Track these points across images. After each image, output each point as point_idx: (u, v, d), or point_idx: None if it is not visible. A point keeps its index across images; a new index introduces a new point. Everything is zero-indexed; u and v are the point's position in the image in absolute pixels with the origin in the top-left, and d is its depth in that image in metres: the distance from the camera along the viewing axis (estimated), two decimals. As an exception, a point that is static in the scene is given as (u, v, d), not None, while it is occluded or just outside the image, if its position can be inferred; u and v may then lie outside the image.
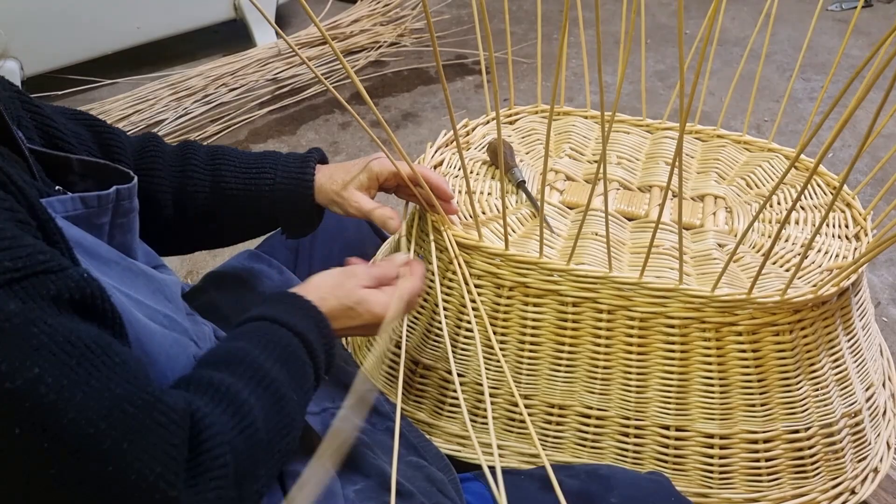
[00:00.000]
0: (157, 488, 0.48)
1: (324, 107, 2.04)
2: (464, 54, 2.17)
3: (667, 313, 0.79)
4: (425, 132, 1.91)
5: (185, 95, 1.96)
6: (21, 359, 0.44)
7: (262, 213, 0.84)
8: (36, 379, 0.44)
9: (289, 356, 0.62)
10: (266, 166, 0.83)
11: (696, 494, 0.81)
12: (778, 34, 0.76)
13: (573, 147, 1.03)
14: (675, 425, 0.81)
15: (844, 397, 0.83)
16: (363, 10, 2.23)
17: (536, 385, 0.84)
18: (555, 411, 0.85)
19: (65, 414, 0.45)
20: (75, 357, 0.46)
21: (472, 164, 1.00)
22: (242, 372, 0.59)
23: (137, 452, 0.47)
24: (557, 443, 0.86)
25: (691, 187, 0.97)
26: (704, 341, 0.79)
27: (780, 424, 0.80)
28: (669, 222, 0.90)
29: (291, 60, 2.07)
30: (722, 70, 1.94)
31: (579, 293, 0.80)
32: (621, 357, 0.81)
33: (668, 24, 2.33)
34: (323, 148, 1.91)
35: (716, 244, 0.87)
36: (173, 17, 2.08)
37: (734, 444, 0.80)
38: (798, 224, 0.90)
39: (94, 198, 0.61)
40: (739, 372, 0.79)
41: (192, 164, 0.82)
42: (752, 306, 0.76)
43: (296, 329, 0.64)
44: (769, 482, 0.81)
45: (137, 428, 0.48)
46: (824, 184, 0.96)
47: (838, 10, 2.42)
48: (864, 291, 0.88)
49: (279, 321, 0.64)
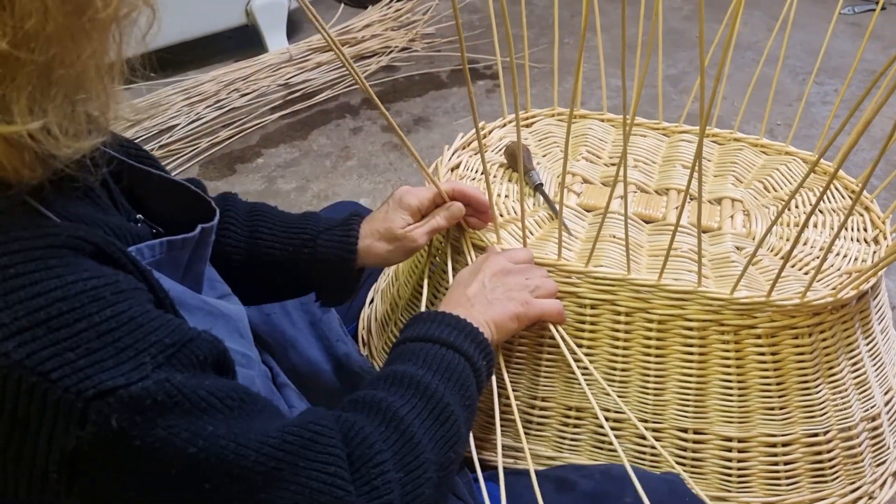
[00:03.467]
0: (333, 491, 0.52)
1: (335, 112, 2.05)
2: (474, 59, 2.17)
3: (685, 315, 0.79)
4: (437, 137, 1.91)
5: (198, 101, 1.97)
6: (196, 423, 0.47)
7: (301, 275, 0.81)
8: (211, 436, 0.48)
9: (451, 372, 0.66)
10: (307, 227, 0.81)
11: (715, 498, 0.81)
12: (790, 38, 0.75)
13: (590, 150, 1.04)
14: (694, 428, 0.81)
15: (863, 401, 0.83)
16: (374, 15, 2.24)
17: (554, 387, 0.84)
18: (572, 413, 0.85)
19: (247, 457, 0.49)
20: (235, 408, 0.50)
21: (490, 166, 1.00)
22: (396, 388, 0.63)
23: (310, 468, 0.52)
24: (574, 446, 0.86)
25: (708, 190, 0.97)
26: (723, 344, 0.79)
27: (799, 428, 0.80)
28: (687, 225, 0.90)
29: (303, 66, 2.08)
30: (734, 74, 1.93)
31: (597, 295, 0.81)
32: (639, 359, 0.81)
33: (678, 28, 2.32)
34: (334, 153, 1.92)
35: (734, 247, 0.87)
36: (185, 24, 2.08)
37: (752, 447, 0.80)
38: (816, 227, 0.90)
39: (180, 241, 0.61)
40: (758, 375, 0.79)
41: (229, 217, 0.79)
42: (772, 309, 0.76)
43: (437, 338, 0.68)
44: (787, 486, 0.81)
45: (304, 448, 0.52)
46: (842, 187, 0.96)
47: (851, 14, 2.41)
48: (883, 295, 0.88)
49: (424, 338, 0.68)
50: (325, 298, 0.86)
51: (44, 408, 0.43)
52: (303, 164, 1.82)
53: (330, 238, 0.80)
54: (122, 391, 0.44)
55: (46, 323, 0.44)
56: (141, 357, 0.46)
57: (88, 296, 0.45)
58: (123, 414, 0.45)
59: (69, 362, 0.44)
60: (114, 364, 0.45)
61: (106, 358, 0.45)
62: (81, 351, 0.44)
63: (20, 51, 0.43)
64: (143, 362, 0.46)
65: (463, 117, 1.97)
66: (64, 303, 0.44)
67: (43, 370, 0.43)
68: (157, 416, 0.46)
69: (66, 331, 0.44)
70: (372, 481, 0.55)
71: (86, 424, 0.44)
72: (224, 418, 0.49)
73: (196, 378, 0.49)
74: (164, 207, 0.66)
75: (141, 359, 0.46)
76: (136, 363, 0.46)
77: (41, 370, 0.43)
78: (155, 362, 0.47)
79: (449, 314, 0.71)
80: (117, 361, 0.45)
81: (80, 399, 0.43)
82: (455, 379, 0.66)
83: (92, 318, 0.45)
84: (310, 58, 2.11)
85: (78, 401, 0.43)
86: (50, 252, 0.45)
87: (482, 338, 0.71)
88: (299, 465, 0.52)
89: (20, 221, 0.47)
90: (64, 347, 0.44)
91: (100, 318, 0.45)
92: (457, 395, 0.66)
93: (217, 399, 0.49)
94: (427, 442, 0.61)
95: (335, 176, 1.75)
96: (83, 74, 0.47)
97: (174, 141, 1.86)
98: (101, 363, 0.44)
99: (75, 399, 0.43)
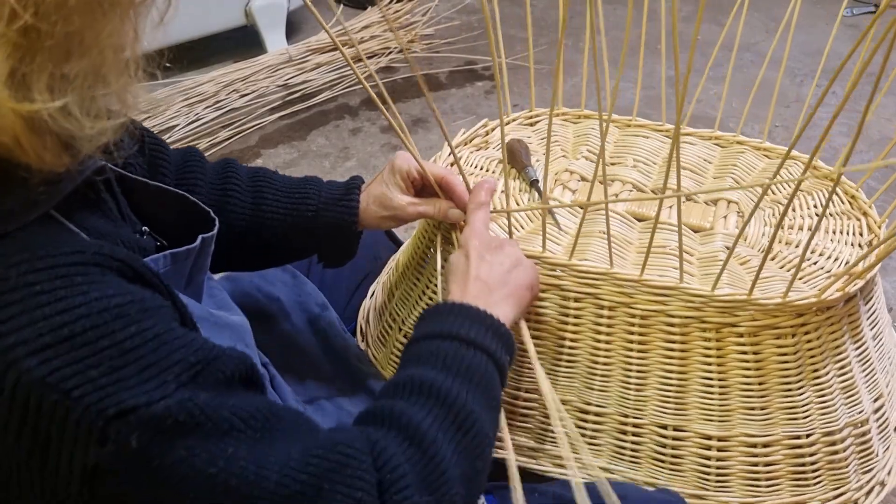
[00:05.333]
0: None
1: (334, 112, 2.05)
2: (474, 60, 2.18)
3: (667, 311, 0.79)
4: (435, 138, 1.92)
5: (197, 101, 1.96)
6: (217, 444, 0.47)
7: (303, 239, 0.83)
8: (232, 457, 0.47)
9: (472, 373, 0.62)
10: (310, 191, 0.82)
11: (692, 496, 0.81)
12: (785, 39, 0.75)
13: (590, 149, 1.04)
14: (674, 425, 0.81)
15: (850, 406, 0.82)
16: (373, 16, 2.24)
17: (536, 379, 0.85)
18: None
19: (268, 479, 0.48)
20: (258, 429, 0.49)
21: (489, 162, 1.01)
22: (416, 398, 0.60)
23: (336, 490, 0.50)
24: (556, 438, 0.86)
25: (705, 191, 0.96)
26: (705, 341, 0.79)
27: (780, 429, 0.79)
28: (676, 223, 0.90)
29: (302, 66, 2.08)
30: (733, 75, 1.94)
31: (581, 288, 0.81)
32: (622, 354, 0.81)
33: (678, 29, 2.33)
34: (333, 154, 1.94)
35: (723, 247, 0.87)
36: (184, 24, 2.07)
37: (732, 446, 0.80)
38: (811, 230, 0.89)
39: (185, 252, 0.61)
40: (739, 374, 0.79)
41: (232, 182, 0.81)
42: (753, 307, 0.76)
43: (456, 334, 0.64)
44: (767, 487, 0.80)
45: (329, 469, 0.51)
46: (842, 192, 0.95)
47: (849, 16, 2.42)
48: (877, 301, 0.87)
49: (436, 335, 0.64)
50: (327, 260, 0.88)
51: (64, 426, 0.43)
52: (302, 165, 1.84)
53: (332, 201, 0.82)
54: (143, 410, 0.44)
55: (70, 340, 0.43)
56: (164, 376, 0.46)
57: (112, 313, 0.45)
58: (144, 433, 0.44)
59: (91, 380, 0.43)
60: (136, 383, 0.45)
61: (128, 376, 0.44)
62: (104, 369, 0.44)
63: (43, 23, 0.42)
64: (165, 381, 0.46)
65: (462, 118, 1.97)
66: (88, 319, 0.44)
67: (64, 388, 0.43)
68: (178, 437, 0.46)
69: (89, 348, 0.44)
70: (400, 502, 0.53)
71: (105, 443, 0.44)
72: (246, 439, 0.48)
73: (220, 397, 0.48)
74: (163, 217, 0.65)
75: (164, 377, 0.46)
76: (158, 382, 0.45)
77: (62, 388, 0.43)
78: (178, 381, 0.46)
79: (468, 306, 0.67)
80: (140, 380, 0.45)
81: (100, 418, 0.43)
82: (478, 381, 0.62)
83: (115, 336, 0.45)
84: (309, 59, 2.11)
85: (98, 419, 0.43)
86: (76, 269, 0.45)
87: (504, 330, 0.67)
88: (324, 489, 0.50)
89: (47, 237, 0.47)
90: (86, 365, 0.44)
91: (123, 335, 0.45)
92: (480, 399, 0.62)
93: (240, 419, 0.49)
94: (451, 456, 0.57)
95: (334, 177, 1.75)
96: (102, 55, 0.47)
97: (173, 142, 1.85)
98: (123, 381, 0.44)
99: (96, 418, 0.43)
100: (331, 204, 0.82)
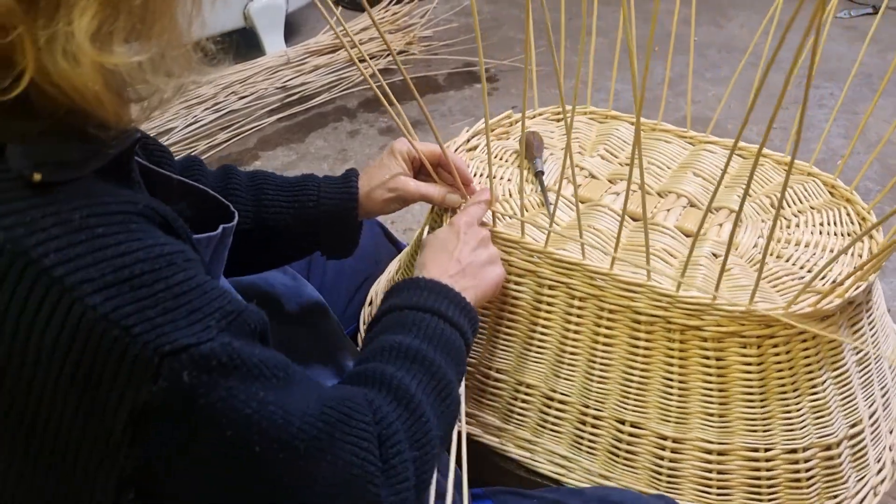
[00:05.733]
0: (365, 466, 0.56)
1: (332, 114, 2.05)
2: (472, 62, 2.16)
3: (635, 308, 0.80)
4: (433, 140, 1.94)
5: (195, 103, 1.96)
6: (250, 387, 0.50)
7: (305, 229, 0.85)
8: (262, 401, 0.51)
9: (450, 347, 0.69)
10: (309, 185, 0.85)
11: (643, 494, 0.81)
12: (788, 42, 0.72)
13: (607, 149, 1.05)
14: (632, 421, 0.82)
15: (819, 427, 0.80)
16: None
17: (508, 361, 0.88)
18: (521, 388, 0.88)
19: (292, 424, 0.52)
20: (281, 378, 0.53)
21: (504, 152, 1.04)
22: (403, 362, 0.65)
23: (345, 440, 0.55)
24: (521, 421, 0.88)
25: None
26: (669, 342, 0.79)
27: (738, 439, 0.78)
28: (671, 228, 0.90)
29: (300, 68, 2.08)
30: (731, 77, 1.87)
31: (555, 277, 0.83)
32: (588, 345, 0.83)
33: (678, 31, 2.26)
34: (331, 156, 1.95)
35: (710, 253, 0.86)
36: None
37: (687, 450, 0.80)
38: (809, 247, 0.87)
39: (206, 240, 0.64)
40: (700, 378, 0.78)
41: (233, 183, 0.83)
42: (717, 312, 0.76)
43: (436, 310, 0.70)
44: (718, 496, 0.80)
45: (341, 422, 0.55)
46: (853, 212, 0.92)
47: (847, 18, 2.42)
48: (868, 321, 0.84)
49: (420, 307, 0.70)
50: (330, 251, 0.90)
51: (121, 362, 0.45)
52: (300, 167, 1.85)
53: (332, 190, 0.85)
54: (193, 349, 0.47)
55: (129, 281, 0.46)
56: (207, 321, 0.49)
57: (165, 259, 0.48)
58: (192, 371, 0.47)
59: (149, 319, 0.46)
60: (186, 324, 0.47)
61: (179, 318, 0.47)
62: (159, 310, 0.47)
63: None
64: (209, 325, 0.49)
65: (459, 120, 1.97)
66: (145, 264, 0.47)
67: (125, 325, 0.45)
68: (220, 377, 0.49)
69: (147, 290, 0.46)
70: (391, 460, 0.58)
71: (158, 380, 0.46)
72: (272, 386, 0.52)
73: (249, 346, 0.51)
74: (182, 213, 0.68)
75: (207, 322, 0.49)
76: (203, 325, 0.48)
77: (124, 324, 0.45)
78: (219, 326, 0.49)
79: (445, 286, 0.72)
80: (189, 322, 0.48)
81: (156, 354, 0.46)
82: (453, 354, 0.69)
83: (168, 280, 0.48)
84: (307, 61, 2.11)
85: (154, 356, 0.46)
86: (130, 218, 0.48)
87: (474, 314, 0.73)
88: (335, 438, 0.54)
89: (101, 188, 0.50)
90: (144, 305, 0.46)
91: (174, 280, 0.48)
92: (454, 371, 0.68)
93: (266, 368, 0.52)
94: (433, 419, 0.63)
95: None
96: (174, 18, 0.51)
97: (172, 144, 1.86)
98: (175, 322, 0.47)
99: (152, 354, 0.46)
100: (331, 192, 0.85)
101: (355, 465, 0.55)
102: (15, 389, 0.46)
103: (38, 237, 0.45)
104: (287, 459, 0.52)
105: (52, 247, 0.45)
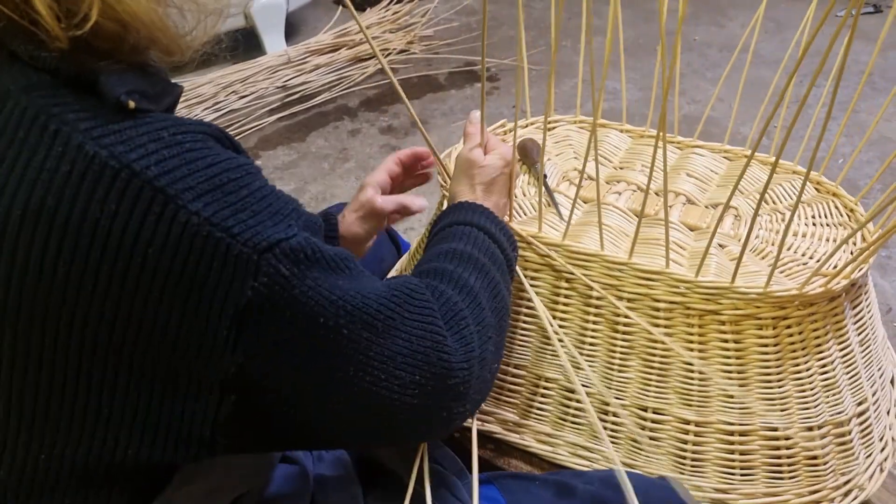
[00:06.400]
0: (434, 336, 0.61)
1: (333, 114, 2.06)
2: (473, 61, 2.19)
3: (653, 296, 0.82)
4: (434, 139, 1.94)
5: (196, 103, 1.98)
6: (330, 276, 0.55)
7: None
8: (342, 287, 0.55)
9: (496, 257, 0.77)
10: None
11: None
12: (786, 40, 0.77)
13: (602, 154, 1.09)
14: (654, 407, 0.84)
15: (831, 405, 0.83)
16: (372, 17, 2.24)
17: (525, 356, 0.89)
18: (541, 383, 0.89)
19: (369, 306, 0.57)
20: (351, 269, 0.58)
21: (503, 158, 1.06)
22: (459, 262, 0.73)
23: (413, 317, 0.61)
24: (541, 415, 0.89)
25: (708, 197, 1.00)
26: (688, 327, 0.81)
27: (758, 420, 0.81)
28: (676, 222, 0.93)
29: (301, 68, 2.09)
30: (730, 76, 1.96)
31: (573, 269, 0.85)
32: (608, 335, 0.85)
33: (675, 31, 2.35)
34: (332, 155, 1.96)
35: (716, 244, 0.90)
36: None
37: (709, 433, 0.82)
38: (805, 237, 0.92)
39: None
40: (720, 362, 0.81)
41: None
42: (735, 296, 0.79)
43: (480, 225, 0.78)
44: (741, 476, 0.82)
45: (406, 301, 0.61)
46: (842, 206, 0.97)
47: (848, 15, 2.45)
48: (866, 304, 0.88)
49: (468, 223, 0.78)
50: None
51: (225, 261, 0.49)
52: (301, 166, 1.85)
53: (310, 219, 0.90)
54: (284, 244, 0.51)
55: (221, 188, 0.50)
56: (288, 220, 0.53)
57: (243, 169, 0.53)
58: (287, 264, 0.51)
59: (243, 220, 0.50)
60: (272, 223, 0.52)
61: (266, 219, 0.52)
62: (249, 212, 0.51)
63: None
64: (290, 223, 0.53)
65: (461, 119, 1.98)
66: (230, 173, 0.51)
67: (226, 225, 0.49)
68: (307, 269, 0.53)
69: (235, 195, 0.51)
70: (460, 330, 0.65)
71: (258, 275, 0.50)
72: (346, 276, 0.57)
73: (321, 242, 0.56)
74: None
75: (288, 221, 0.53)
76: (286, 224, 0.53)
77: (225, 225, 0.49)
78: (298, 224, 0.54)
79: (485, 208, 0.80)
80: (274, 221, 0.52)
81: (255, 251, 0.50)
82: (499, 265, 0.77)
83: (250, 187, 0.52)
84: (308, 60, 2.12)
85: (254, 253, 0.50)
86: (206, 136, 0.53)
87: (515, 240, 0.82)
88: (405, 315, 0.60)
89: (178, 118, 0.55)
90: (237, 209, 0.50)
91: (255, 187, 0.53)
92: (504, 280, 0.76)
93: (340, 259, 0.56)
94: (488, 309, 0.71)
95: (333, 178, 1.77)
96: None
97: None
98: (264, 222, 0.51)
99: (251, 251, 0.50)
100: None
101: (426, 337, 0.61)
102: (123, 301, 0.48)
103: (139, 152, 0.48)
104: (370, 338, 0.57)
105: (153, 160, 0.48)
